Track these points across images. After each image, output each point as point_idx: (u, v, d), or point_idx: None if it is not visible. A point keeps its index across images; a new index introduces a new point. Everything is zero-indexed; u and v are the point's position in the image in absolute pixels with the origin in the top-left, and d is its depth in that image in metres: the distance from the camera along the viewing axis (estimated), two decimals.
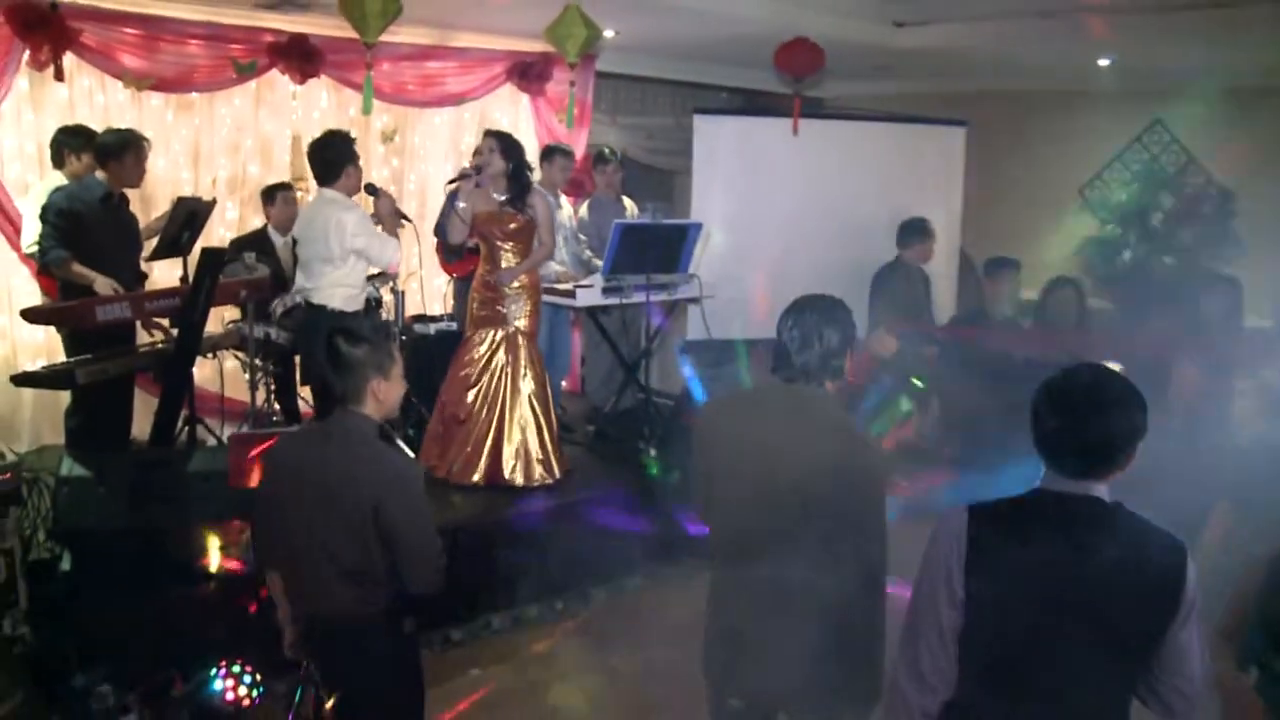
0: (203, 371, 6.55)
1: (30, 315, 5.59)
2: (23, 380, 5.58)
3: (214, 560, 4.82)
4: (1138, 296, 7.66)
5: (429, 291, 7.98)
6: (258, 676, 4.36)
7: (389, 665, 3.21)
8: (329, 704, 3.19)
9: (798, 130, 8.08)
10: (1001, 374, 5.69)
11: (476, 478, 5.90)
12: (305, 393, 6.79)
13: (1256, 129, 8.14)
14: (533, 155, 7.91)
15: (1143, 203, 8.86)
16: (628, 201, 7.93)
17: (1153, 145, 9.38)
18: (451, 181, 6.08)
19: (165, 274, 6.61)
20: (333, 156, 5.64)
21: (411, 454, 6.18)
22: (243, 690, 4.31)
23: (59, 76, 6.19)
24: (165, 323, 5.95)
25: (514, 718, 4.61)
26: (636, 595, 5.68)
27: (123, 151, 5.75)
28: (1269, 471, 3.40)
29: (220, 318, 6.49)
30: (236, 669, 4.33)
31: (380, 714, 3.27)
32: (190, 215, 6.05)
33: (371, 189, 5.91)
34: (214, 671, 4.30)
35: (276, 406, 6.69)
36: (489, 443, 5.94)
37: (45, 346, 6.42)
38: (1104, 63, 7.94)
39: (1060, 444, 2.26)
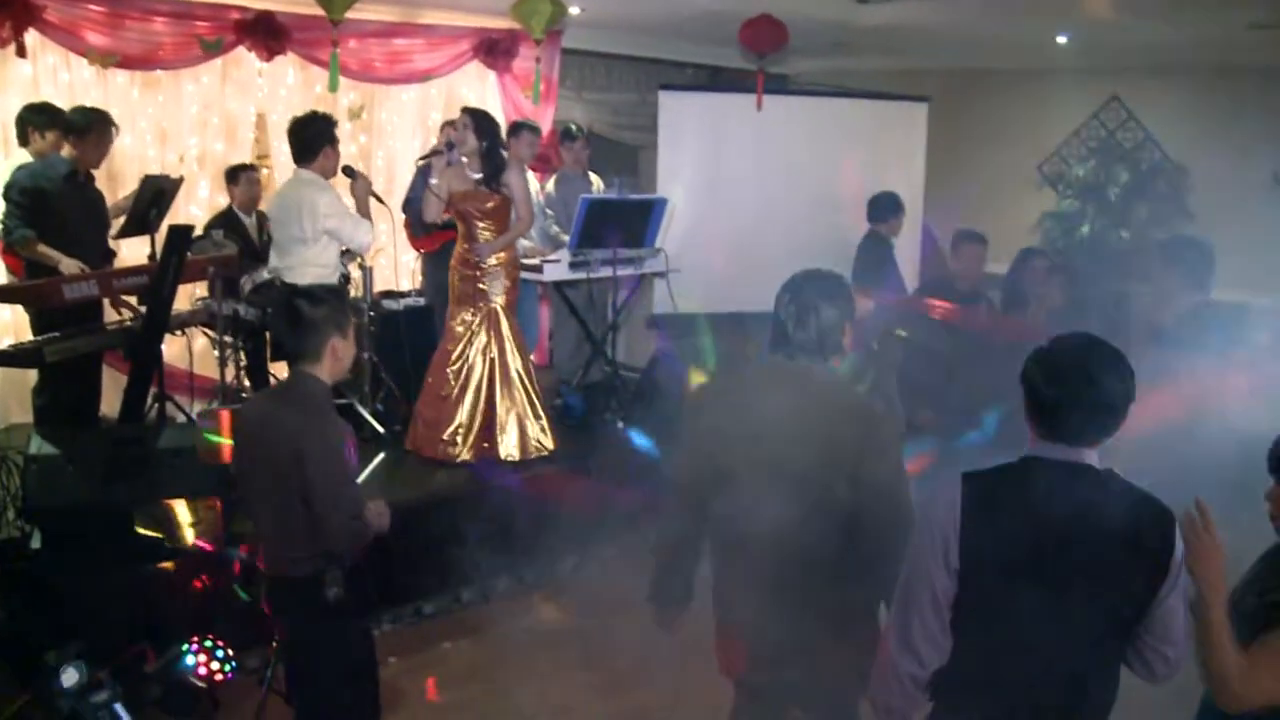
0: (172, 349, 6.56)
1: None
2: None
3: (185, 536, 4.87)
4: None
5: (397, 268, 8.00)
6: (230, 651, 4.39)
7: (319, 630, 3.28)
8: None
9: (761, 106, 8.15)
10: (960, 348, 5.85)
11: (465, 455, 5.94)
12: (278, 369, 6.82)
13: (1210, 106, 8.29)
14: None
15: (1100, 178, 9.02)
16: (594, 177, 7.98)
17: (1110, 122, 9.52)
18: (423, 158, 6.09)
19: (134, 252, 6.60)
20: (311, 137, 5.64)
21: (380, 428, 6.26)
22: (215, 665, 4.33)
23: (21, 53, 6.15)
24: (134, 300, 5.97)
25: (486, 690, 4.66)
26: (605, 565, 5.74)
27: (88, 130, 5.76)
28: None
29: (190, 295, 6.50)
30: (209, 644, 4.36)
31: (318, 680, 3.36)
32: (158, 193, 6.06)
33: (349, 171, 5.91)
34: (186, 646, 4.33)
35: (246, 383, 6.71)
36: (478, 421, 5.97)
37: (12, 325, 6.41)
38: (1062, 40, 8.03)
39: (1060, 412, 2.28)
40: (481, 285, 5.95)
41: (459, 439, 5.95)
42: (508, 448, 5.99)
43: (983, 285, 6.51)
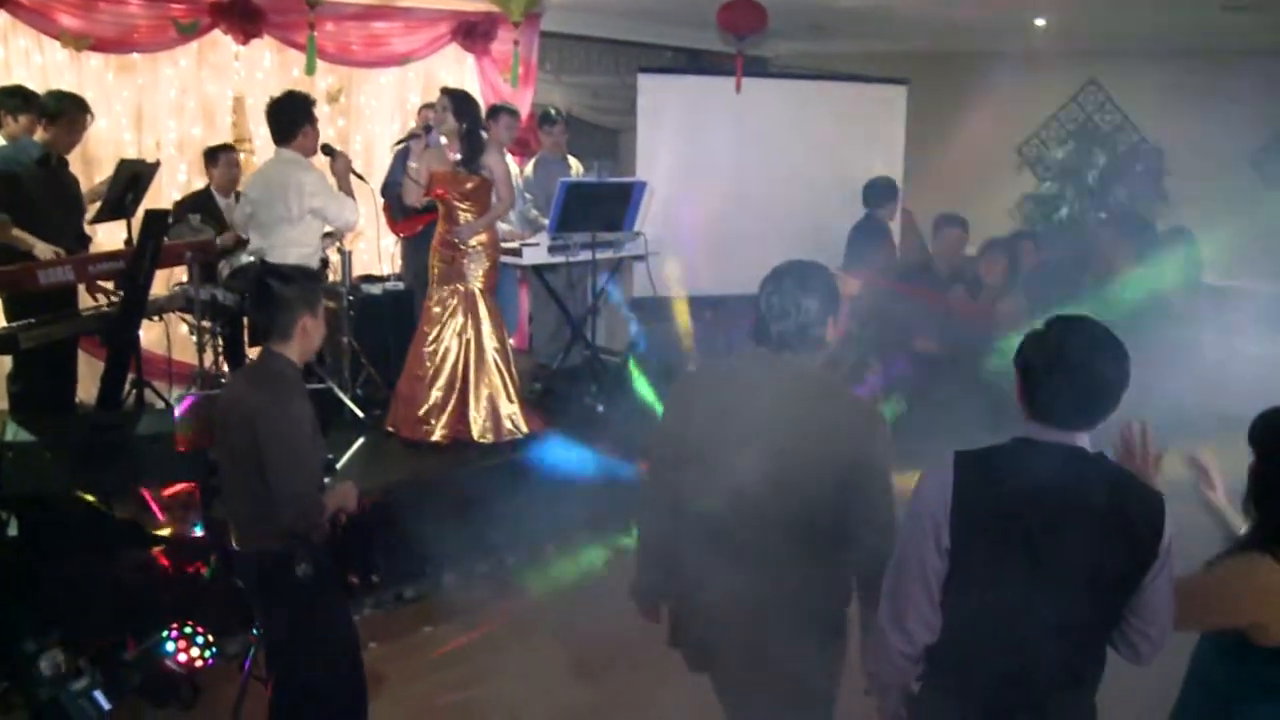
0: (150, 334, 6.52)
1: None
2: None
3: (164, 523, 4.85)
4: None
5: (377, 252, 7.98)
6: (210, 638, 4.40)
7: (292, 609, 3.28)
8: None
9: (741, 89, 8.13)
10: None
11: (439, 436, 5.96)
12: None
13: (1187, 89, 8.32)
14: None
15: (1079, 161, 9.06)
16: (573, 160, 7.97)
17: (1088, 105, 9.55)
18: (399, 142, 6.07)
19: (110, 237, 6.55)
20: (290, 116, 5.62)
21: (360, 412, 6.24)
22: (195, 651, 4.35)
23: None
24: (110, 285, 5.92)
25: (467, 674, 4.65)
26: (586, 550, 5.75)
27: (60, 114, 5.71)
28: None
29: (167, 280, 6.45)
30: (188, 630, 4.36)
31: (294, 660, 3.35)
32: (133, 177, 6.01)
33: (328, 150, 5.89)
34: (166, 633, 4.33)
35: (225, 368, 6.68)
36: (453, 402, 5.98)
37: None
38: (1040, 23, 8.05)
39: (1054, 395, 2.28)
40: (461, 267, 5.93)
41: (433, 419, 5.96)
42: (481, 429, 6.00)
43: (966, 267, 6.56)
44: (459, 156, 5.82)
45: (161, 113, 7.20)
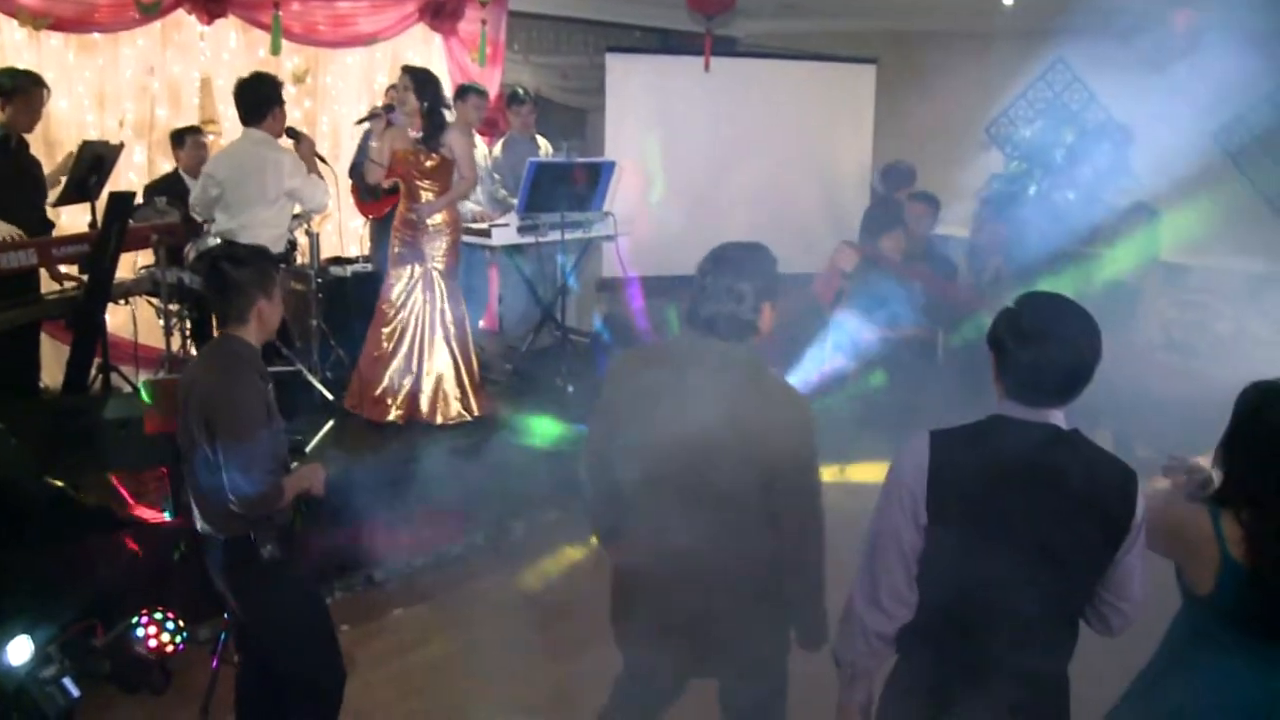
0: (116, 318, 6.47)
1: None
2: None
3: (133, 507, 4.82)
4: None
5: (345, 234, 7.94)
6: (181, 623, 4.38)
7: (259, 591, 3.27)
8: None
9: (709, 68, 8.12)
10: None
11: (394, 416, 5.95)
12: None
13: (1153, 68, 8.36)
14: (446, 95, 7.87)
15: (1047, 139, 9.09)
16: (542, 140, 7.95)
17: (1055, 83, 9.59)
18: (360, 121, 6.04)
19: (74, 220, 6.49)
20: (259, 97, 5.60)
21: (329, 395, 6.22)
22: (166, 637, 4.32)
23: None
24: (74, 269, 5.87)
25: (437, 655, 4.67)
26: (553, 529, 5.75)
27: (15, 92, 5.63)
28: None
29: (133, 263, 6.40)
30: (159, 616, 4.34)
31: (265, 643, 3.36)
32: (97, 159, 5.95)
33: (292, 133, 5.86)
34: (136, 619, 4.31)
35: (193, 351, 6.63)
36: (408, 381, 5.97)
37: None
38: (1007, 1, 8.07)
39: (1027, 373, 2.29)
40: (421, 246, 5.91)
41: (389, 399, 5.96)
42: (438, 410, 6.00)
43: (936, 244, 6.60)
44: (421, 135, 5.79)
45: (124, 93, 7.12)
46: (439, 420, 6.00)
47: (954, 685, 2.39)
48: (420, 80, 5.78)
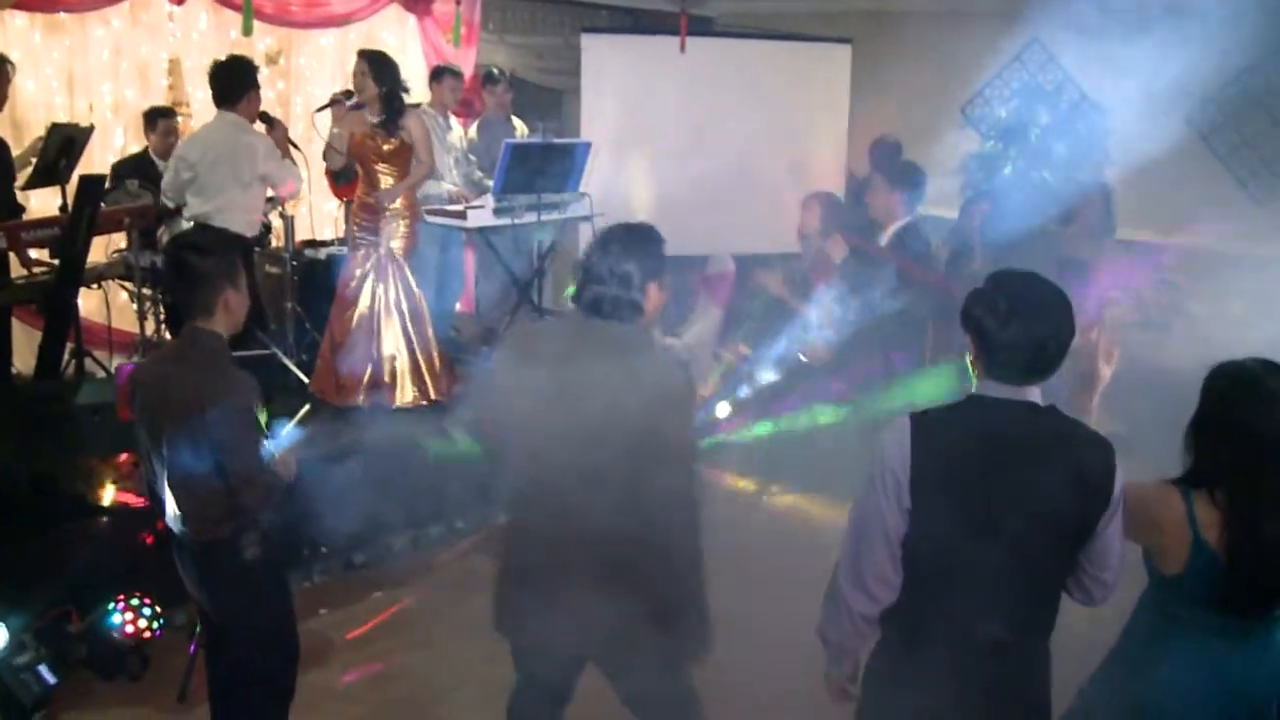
0: (89, 303, 6.42)
1: None
2: None
3: (107, 493, 4.80)
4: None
5: (318, 217, 7.88)
6: (157, 608, 4.37)
7: (236, 593, 3.20)
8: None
9: (685, 48, 8.10)
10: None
11: (359, 399, 5.91)
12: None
13: (1127, 49, 8.38)
14: (421, 76, 7.82)
15: (1022, 119, 9.10)
16: (517, 121, 7.91)
17: (1030, 63, 9.60)
18: (320, 109, 6.00)
19: (44, 204, 6.42)
20: (235, 80, 5.59)
21: (305, 378, 6.18)
22: (142, 623, 4.32)
23: None
24: (45, 254, 5.81)
25: (418, 638, 4.67)
26: None
27: None
28: None
29: (105, 247, 6.34)
30: (135, 602, 4.33)
31: (236, 637, 3.29)
32: (66, 141, 5.89)
33: (266, 118, 5.84)
34: (112, 605, 4.30)
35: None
36: (370, 365, 5.93)
37: None
38: None
39: (1003, 352, 2.32)
40: (379, 230, 5.87)
41: (352, 383, 5.92)
42: (399, 393, 5.98)
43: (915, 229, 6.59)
44: (379, 119, 5.76)
45: (94, 75, 7.04)
46: (396, 403, 5.95)
47: (937, 657, 2.41)
48: (377, 64, 5.71)
